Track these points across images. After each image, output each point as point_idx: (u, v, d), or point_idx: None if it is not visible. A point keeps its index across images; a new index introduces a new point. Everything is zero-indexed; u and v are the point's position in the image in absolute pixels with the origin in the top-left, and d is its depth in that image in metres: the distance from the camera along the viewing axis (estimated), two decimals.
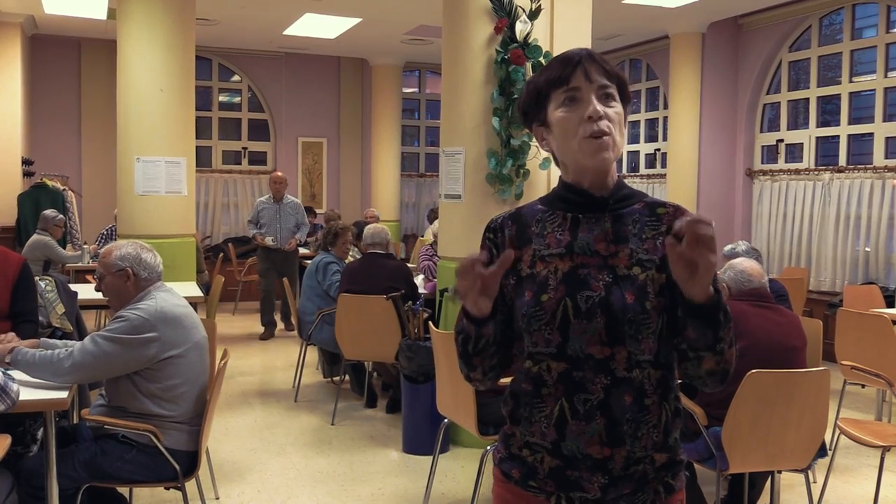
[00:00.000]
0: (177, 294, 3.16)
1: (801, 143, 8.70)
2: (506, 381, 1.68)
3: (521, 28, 4.70)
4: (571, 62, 1.54)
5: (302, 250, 9.85)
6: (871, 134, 7.96)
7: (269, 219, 8.33)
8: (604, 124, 1.51)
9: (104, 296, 3.18)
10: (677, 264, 1.38)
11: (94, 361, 2.89)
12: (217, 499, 4.04)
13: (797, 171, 8.60)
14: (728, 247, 4.82)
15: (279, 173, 8.64)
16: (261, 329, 8.56)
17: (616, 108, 1.54)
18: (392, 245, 6.04)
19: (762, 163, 9.26)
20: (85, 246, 7.86)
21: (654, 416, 1.53)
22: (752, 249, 4.76)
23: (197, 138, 6.92)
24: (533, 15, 4.75)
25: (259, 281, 8.70)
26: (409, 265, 7.29)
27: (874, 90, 7.90)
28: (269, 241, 8.21)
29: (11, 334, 3.15)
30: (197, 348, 3.11)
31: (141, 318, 2.95)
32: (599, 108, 1.51)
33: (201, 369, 3.15)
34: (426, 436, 4.58)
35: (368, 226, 6.30)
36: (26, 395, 2.75)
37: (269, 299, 8.45)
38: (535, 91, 1.60)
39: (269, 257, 8.36)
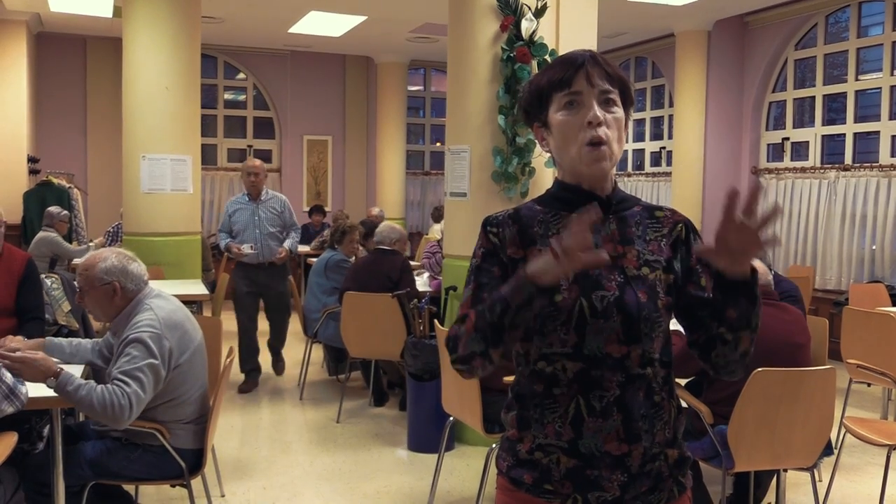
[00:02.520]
0: (169, 297, 3.11)
1: (807, 142, 8.68)
2: (509, 379, 1.66)
3: (526, 26, 4.70)
4: (574, 64, 1.53)
5: (302, 248, 9.78)
6: (878, 132, 7.93)
7: (246, 223, 6.11)
8: (602, 131, 1.50)
9: (86, 308, 3.06)
10: (732, 241, 1.37)
11: (145, 398, 2.83)
12: (223, 496, 4.05)
13: (803, 170, 8.58)
14: None
15: (255, 162, 6.27)
16: (267, 327, 8.08)
17: (616, 114, 1.53)
18: (404, 243, 5.99)
19: (768, 161, 9.24)
20: (91, 244, 7.87)
21: (666, 413, 1.55)
22: None
23: (202, 136, 6.93)
24: (539, 13, 4.74)
25: (237, 314, 6.29)
26: (413, 263, 7.29)
27: (880, 88, 7.87)
28: (245, 249, 6.01)
29: (19, 337, 3.14)
30: (199, 350, 3.10)
31: (155, 333, 2.89)
32: (600, 113, 1.51)
33: (203, 369, 3.15)
34: (431, 434, 4.58)
35: (383, 222, 6.34)
36: (32, 392, 2.76)
37: (249, 337, 6.24)
38: (536, 91, 1.59)
39: (248, 276, 6.17)
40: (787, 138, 8.92)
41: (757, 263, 1.50)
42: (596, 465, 1.51)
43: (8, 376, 2.65)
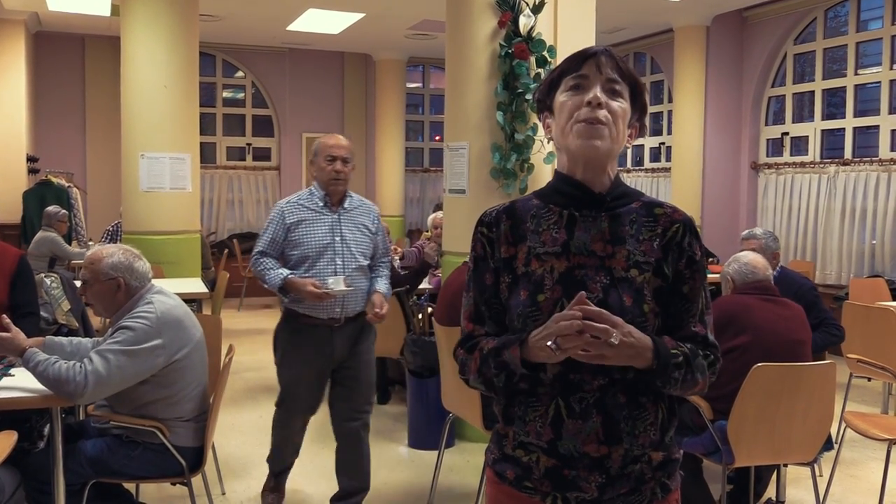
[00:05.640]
0: (170, 294, 3.11)
1: (807, 136, 8.68)
2: None
3: (524, 22, 4.69)
4: (587, 53, 1.53)
5: None
6: (877, 126, 7.93)
7: (320, 246, 3.54)
8: (601, 113, 1.48)
9: (88, 301, 3.05)
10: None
11: (108, 380, 2.80)
12: (223, 494, 4.05)
13: (802, 165, 8.58)
14: (745, 231, 4.76)
15: (341, 140, 3.64)
16: (268, 325, 8.18)
17: (620, 104, 1.51)
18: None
19: (767, 156, 9.24)
20: (90, 243, 7.88)
21: (651, 414, 1.52)
22: (769, 232, 4.65)
23: (201, 134, 6.93)
24: (536, 9, 4.74)
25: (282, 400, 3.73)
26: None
27: (880, 82, 7.88)
28: (336, 285, 3.42)
29: (12, 328, 3.13)
30: (198, 347, 3.09)
31: (146, 325, 2.88)
32: (601, 96, 1.49)
33: (203, 366, 3.14)
34: (432, 430, 4.58)
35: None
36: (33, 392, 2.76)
37: (294, 435, 3.78)
38: (549, 79, 1.59)
39: (319, 340, 3.56)
40: (787, 133, 8.92)
41: (755, 257, 1.50)
42: (574, 465, 1.49)
43: None
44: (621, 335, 1.39)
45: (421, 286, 6.10)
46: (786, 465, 3.59)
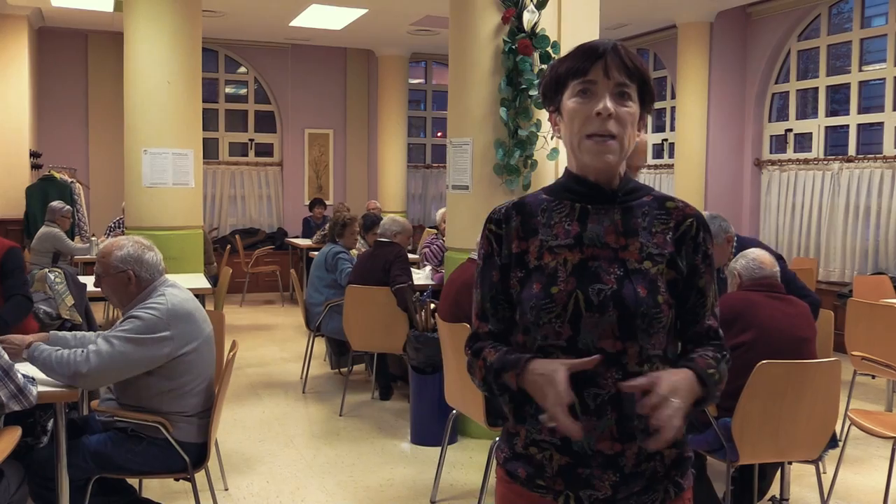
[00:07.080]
0: (183, 288, 3.12)
1: (810, 133, 8.66)
2: None
3: (528, 18, 4.68)
4: (594, 54, 1.50)
5: (303, 242, 9.78)
6: (881, 123, 7.91)
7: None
8: (611, 125, 1.47)
9: (103, 293, 3.11)
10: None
11: (110, 363, 2.82)
12: (226, 490, 4.05)
13: (806, 161, 8.56)
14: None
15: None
16: (270, 321, 8.28)
17: (630, 109, 1.50)
18: (406, 236, 5.91)
19: (771, 153, 9.22)
20: (93, 238, 7.87)
21: None
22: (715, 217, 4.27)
23: (204, 130, 6.91)
24: (540, 4, 4.72)
25: None
26: (413, 256, 7.27)
27: (884, 79, 7.85)
28: None
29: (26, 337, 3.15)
30: (207, 342, 3.10)
31: (154, 316, 2.90)
32: (610, 105, 1.47)
33: (210, 362, 3.15)
34: (434, 427, 4.58)
35: (387, 216, 6.33)
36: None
37: None
38: (554, 77, 1.56)
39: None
40: (791, 130, 8.90)
41: (762, 254, 1.49)
42: (587, 463, 1.48)
43: (19, 377, 2.65)
44: (669, 391, 1.36)
45: (424, 282, 6.10)
46: (790, 463, 3.58)
